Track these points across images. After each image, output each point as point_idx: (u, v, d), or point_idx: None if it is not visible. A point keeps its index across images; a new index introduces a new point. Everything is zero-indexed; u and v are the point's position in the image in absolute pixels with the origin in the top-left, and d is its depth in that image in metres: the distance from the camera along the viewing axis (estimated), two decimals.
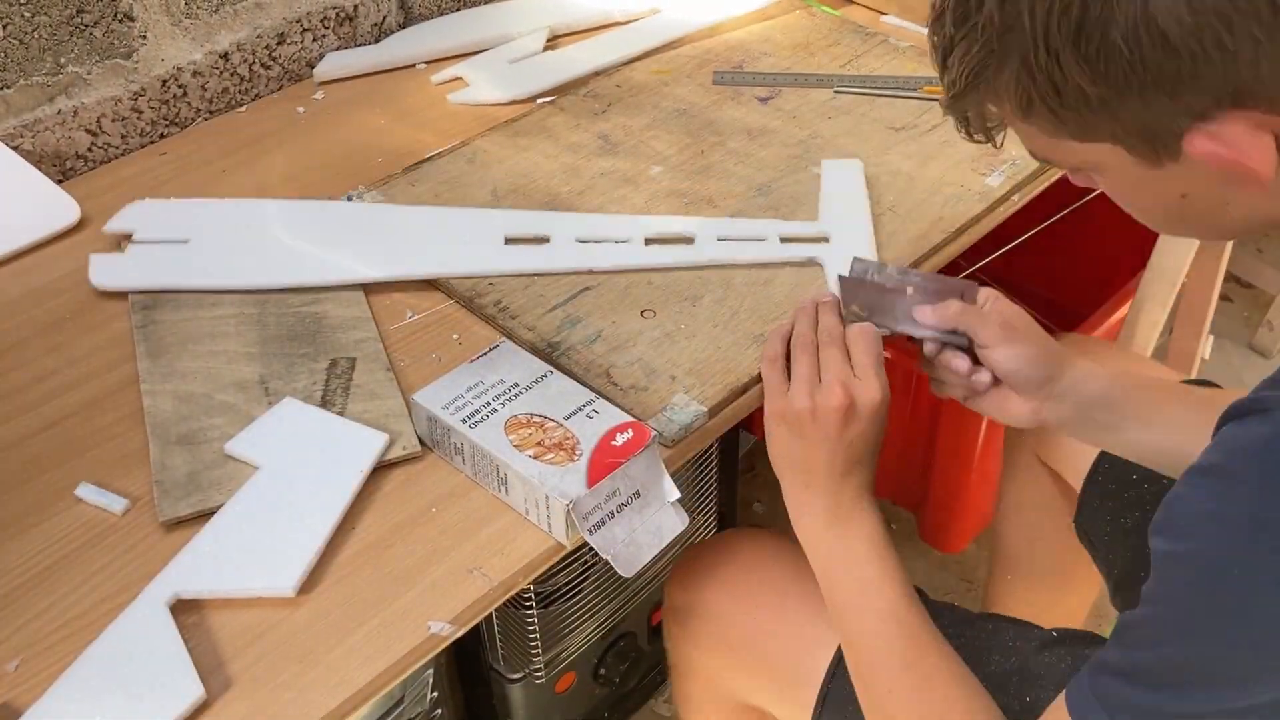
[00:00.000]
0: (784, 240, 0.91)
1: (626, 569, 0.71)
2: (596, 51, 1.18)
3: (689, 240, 0.91)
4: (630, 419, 0.73)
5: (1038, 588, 1.18)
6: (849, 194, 0.96)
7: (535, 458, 0.70)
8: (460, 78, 1.16)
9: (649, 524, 0.72)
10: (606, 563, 0.70)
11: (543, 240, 0.91)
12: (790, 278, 0.89)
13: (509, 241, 0.91)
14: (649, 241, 0.91)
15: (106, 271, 0.89)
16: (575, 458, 0.70)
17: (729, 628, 0.93)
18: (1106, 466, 0.97)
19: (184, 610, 0.66)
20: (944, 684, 0.72)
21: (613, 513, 0.70)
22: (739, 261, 0.89)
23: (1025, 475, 1.13)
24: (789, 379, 0.75)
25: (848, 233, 0.92)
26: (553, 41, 1.21)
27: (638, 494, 0.72)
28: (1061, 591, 1.19)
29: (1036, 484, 1.11)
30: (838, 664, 0.85)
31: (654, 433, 0.73)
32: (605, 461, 0.70)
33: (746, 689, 0.95)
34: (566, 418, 0.73)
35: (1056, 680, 0.80)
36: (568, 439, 0.71)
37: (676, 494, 0.74)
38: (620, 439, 0.71)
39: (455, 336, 0.85)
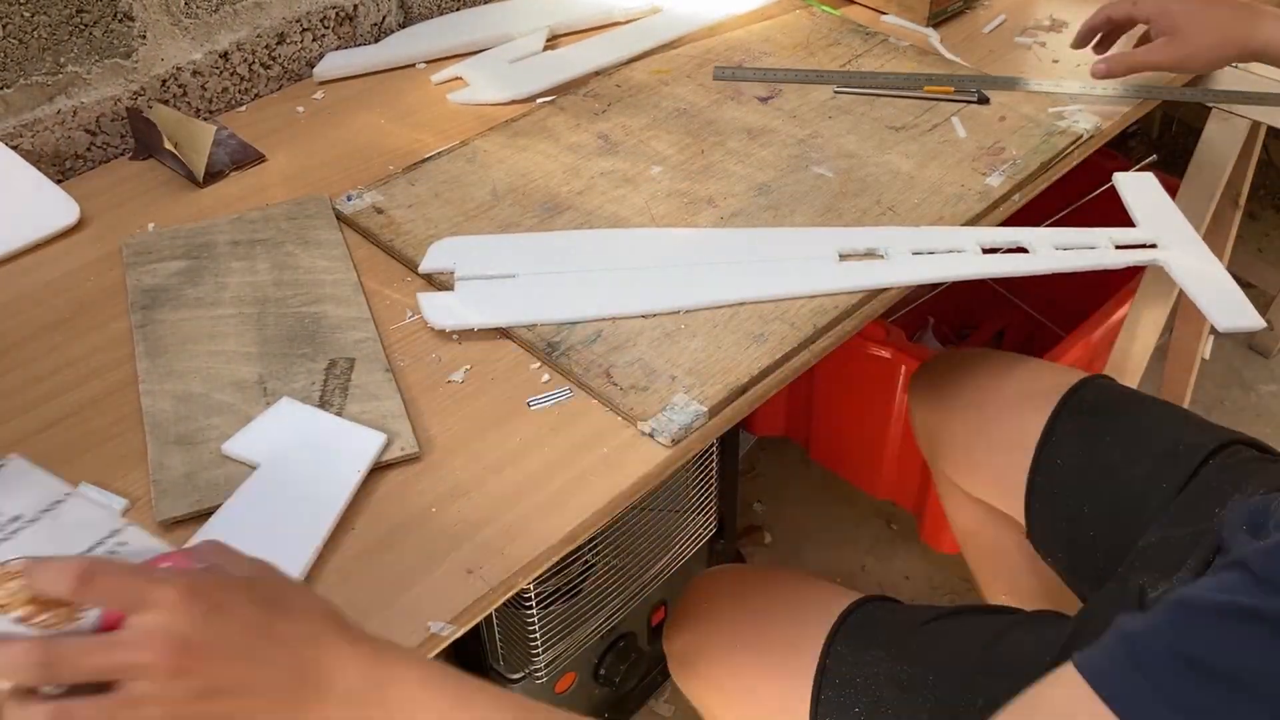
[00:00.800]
0: (1117, 247, 0.95)
1: None
2: (596, 51, 1.18)
3: (1024, 250, 0.93)
4: (170, 549, 0.57)
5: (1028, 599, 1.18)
6: (1153, 201, 1.01)
7: (26, 620, 0.50)
8: (460, 78, 1.16)
9: None
10: (607, 563, 0.70)
11: (875, 256, 0.91)
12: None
13: (843, 258, 0.90)
14: (986, 251, 0.92)
15: (440, 311, 0.84)
16: (78, 616, 0.50)
17: (717, 666, 0.94)
18: (1041, 480, 0.98)
19: None
20: None
21: None
22: (1077, 268, 0.92)
23: (964, 504, 1.13)
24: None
25: (1172, 235, 0.97)
26: (553, 41, 1.21)
27: None
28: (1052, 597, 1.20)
29: (976, 509, 1.11)
30: (819, 694, 0.85)
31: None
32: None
33: None
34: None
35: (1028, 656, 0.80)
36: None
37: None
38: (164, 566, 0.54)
39: (455, 337, 0.85)
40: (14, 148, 0.99)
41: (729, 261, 0.89)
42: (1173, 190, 1.39)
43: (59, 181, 1.01)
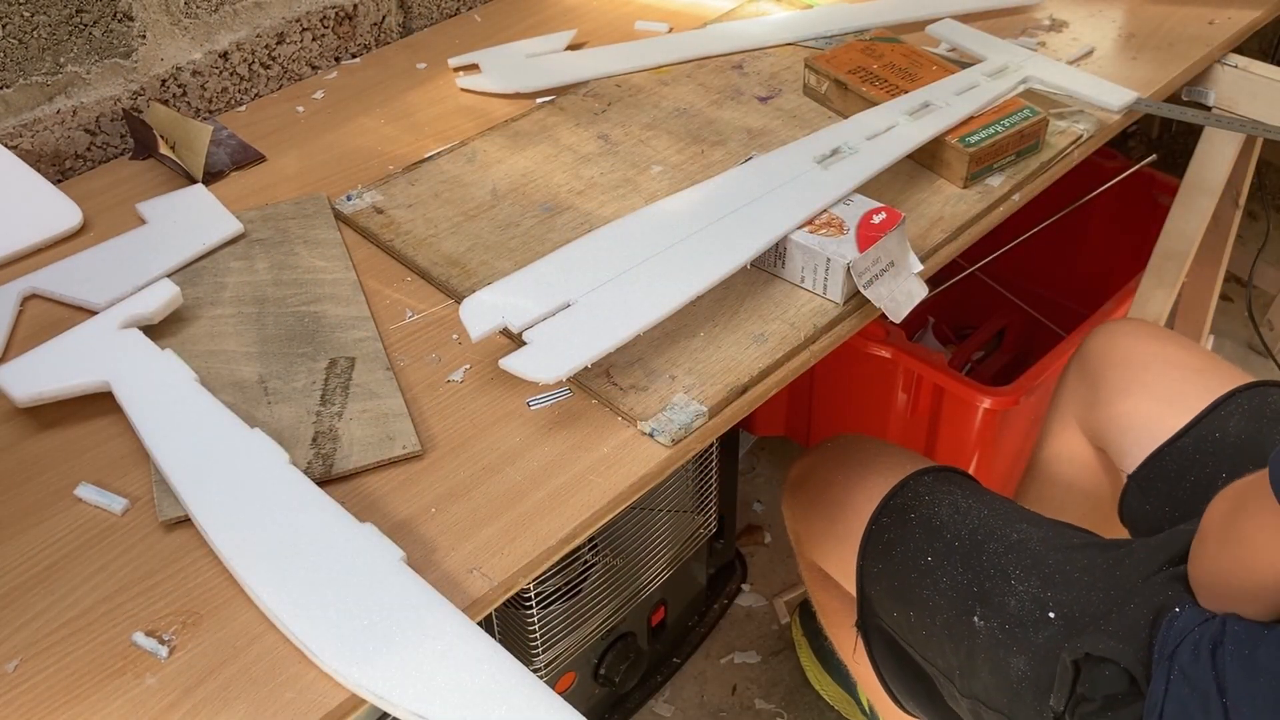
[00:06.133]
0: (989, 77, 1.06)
1: (895, 317, 0.85)
2: (615, 59, 1.17)
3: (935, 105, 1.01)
4: (881, 204, 0.88)
5: None
6: (974, 37, 1.16)
7: (812, 233, 0.86)
8: (476, 65, 1.17)
9: (903, 287, 0.86)
10: (606, 563, 0.70)
11: (849, 152, 0.96)
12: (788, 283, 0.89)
13: (820, 162, 0.95)
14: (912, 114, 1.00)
15: (538, 367, 0.77)
16: (844, 233, 0.86)
17: (814, 484, 1.08)
18: (1160, 464, 1.01)
19: (184, 612, 0.66)
20: None
21: (878, 274, 0.85)
22: (979, 108, 1.01)
23: (1063, 443, 1.17)
24: None
25: (1017, 56, 1.10)
26: (574, 45, 1.21)
27: (893, 264, 0.85)
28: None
29: (1073, 455, 1.16)
30: (892, 498, 0.97)
31: (903, 216, 0.86)
32: (868, 235, 0.85)
33: (818, 549, 1.08)
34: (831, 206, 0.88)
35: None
36: (835, 219, 0.87)
37: (920, 266, 0.87)
38: (876, 219, 0.86)
39: (455, 336, 0.85)
40: (13, 147, 0.99)
41: (732, 213, 0.89)
42: (1172, 190, 1.39)
43: (58, 182, 1.01)
